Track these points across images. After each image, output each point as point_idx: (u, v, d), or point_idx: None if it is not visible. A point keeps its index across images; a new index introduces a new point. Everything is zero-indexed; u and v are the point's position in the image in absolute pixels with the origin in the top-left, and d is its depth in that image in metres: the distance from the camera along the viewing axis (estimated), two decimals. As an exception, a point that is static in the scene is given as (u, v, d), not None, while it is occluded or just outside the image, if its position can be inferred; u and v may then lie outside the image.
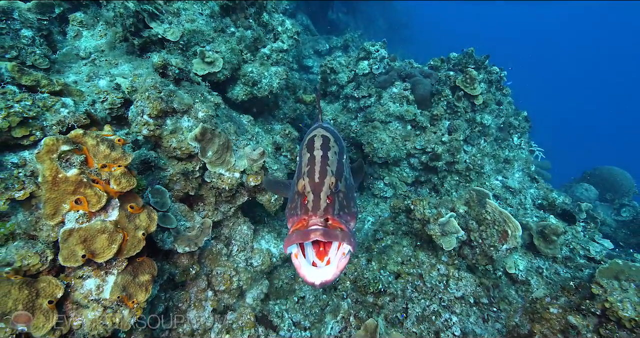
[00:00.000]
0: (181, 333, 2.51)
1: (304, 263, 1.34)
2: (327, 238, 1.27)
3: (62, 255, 1.63)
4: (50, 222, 1.64)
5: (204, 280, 2.78)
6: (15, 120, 1.64)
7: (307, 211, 1.42)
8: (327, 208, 1.42)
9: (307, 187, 1.52)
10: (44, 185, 1.61)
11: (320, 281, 1.26)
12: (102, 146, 1.82)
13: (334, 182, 1.55)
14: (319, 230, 1.28)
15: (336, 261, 1.33)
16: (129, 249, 1.79)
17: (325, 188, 1.50)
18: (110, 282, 1.73)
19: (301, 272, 1.30)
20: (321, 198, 1.45)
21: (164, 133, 2.89)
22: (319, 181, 1.54)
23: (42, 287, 1.54)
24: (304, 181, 1.56)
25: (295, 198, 1.60)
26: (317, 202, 1.44)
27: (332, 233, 1.30)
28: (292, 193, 1.71)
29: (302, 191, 1.53)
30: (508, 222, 3.22)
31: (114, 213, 1.78)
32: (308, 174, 1.59)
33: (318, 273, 1.29)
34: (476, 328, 3.31)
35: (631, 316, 1.82)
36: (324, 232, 1.27)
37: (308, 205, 1.44)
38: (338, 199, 1.53)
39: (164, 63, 2.98)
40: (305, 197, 1.49)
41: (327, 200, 1.45)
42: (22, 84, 1.77)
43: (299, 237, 1.29)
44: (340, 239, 1.29)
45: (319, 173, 1.58)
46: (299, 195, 1.56)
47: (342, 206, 1.51)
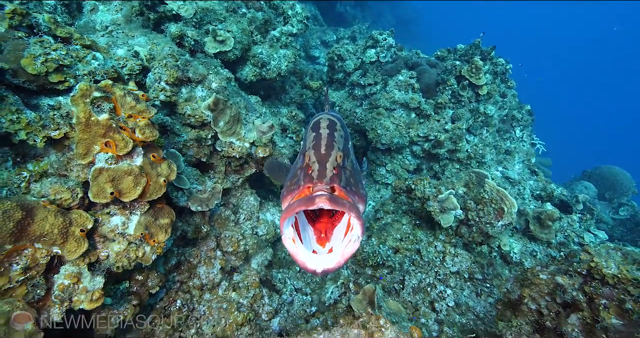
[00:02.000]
0: (191, 286, 2.68)
1: (302, 249, 1.20)
2: (334, 205, 1.12)
3: (92, 191, 1.79)
4: (82, 161, 1.79)
5: (214, 240, 2.95)
6: (52, 66, 1.79)
7: (311, 179, 1.28)
8: (333, 178, 1.29)
9: (312, 157, 1.41)
10: (77, 126, 1.76)
11: (322, 268, 1.11)
12: (128, 98, 1.98)
13: (342, 156, 1.44)
14: (324, 196, 1.14)
15: (342, 248, 1.18)
16: (151, 193, 1.95)
17: (332, 159, 1.39)
18: (134, 221, 1.90)
19: (299, 258, 1.14)
20: (327, 168, 1.33)
21: (179, 100, 3.04)
22: (325, 152, 1.43)
23: (74, 218, 1.70)
24: (309, 153, 1.45)
25: (297, 174, 1.46)
26: (322, 171, 1.31)
27: (340, 201, 1.16)
28: (292, 171, 1.59)
29: (307, 162, 1.40)
30: (505, 199, 3.37)
31: (139, 160, 1.94)
32: (314, 147, 1.49)
33: (320, 260, 1.15)
34: (469, 301, 3.48)
35: (614, 273, 1.98)
36: (330, 198, 1.14)
37: (313, 174, 1.30)
38: (345, 175, 1.41)
39: (181, 33, 3.12)
40: (310, 166, 1.37)
41: (333, 171, 1.33)
42: (57, 35, 1.92)
43: (302, 203, 1.15)
44: (348, 209, 1.15)
45: (325, 147, 1.48)
46: (302, 169, 1.43)
47: (349, 183, 1.38)
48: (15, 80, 1.74)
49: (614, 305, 1.97)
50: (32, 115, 1.73)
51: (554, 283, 2.35)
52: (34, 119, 1.72)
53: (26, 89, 1.79)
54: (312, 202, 1.13)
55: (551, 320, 2.34)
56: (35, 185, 1.76)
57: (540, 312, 2.43)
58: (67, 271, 1.65)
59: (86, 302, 1.65)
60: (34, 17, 1.88)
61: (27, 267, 1.52)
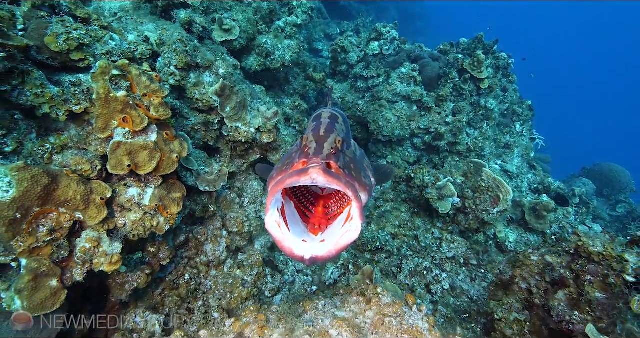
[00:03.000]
0: (199, 262, 2.83)
1: (289, 234, 1.09)
2: (328, 178, 1.01)
3: (110, 164, 1.92)
4: (101, 135, 1.92)
5: (220, 220, 3.08)
6: (73, 44, 1.90)
7: (307, 156, 1.17)
8: (330, 156, 1.18)
9: (310, 138, 1.32)
10: (97, 101, 1.88)
11: (311, 255, 0.99)
12: (143, 77, 2.09)
13: (341, 141, 1.34)
14: (319, 167, 1.02)
15: (337, 237, 1.07)
16: (165, 168, 2.07)
17: (330, 140, 1.29)
18: (149, 193, 2.03)
19: (285, 245, 1.02)
20: (324, 147, 1.23)
21: (188, 85, 3.15)
22: (324, 134, 1.34)
23: (95, 187, 1.83)
24: (307, 135, 1.36)
25: (291, 156, 1.35)
26: (320, 149, 1.22)
27: (335, 176, 1.04)
28: (287, 155, 1.48)
29: (305, 143, 1.30)
30: (501, 187, 3.50)
31: (153, 136, 2.06)
32: (312, 130, 1.41)
33: (310, 247, 1.03)
34: (464, 285, 3.63)
35: (600, 250, 2.11)
36: (325, 170, 1.02)
37: (309, 151, 1.21)
38: (344, 159, 1.31)
39: (190, 20, 3.22)
40: (307, 145, 1.27)
41: (331, 150, 1.23)
42: (77, 15, 2.02)
43: (293, 176, 1.02)
44: (344, 186, 1.03)
45: (325, 131, 1.39)
46: (298, 151, 1.33)
47: (348, 167, 1.27)
48: (39, 56, 1.85)
49: (598, 281, 2.10)
50: (55, 90, 1.85)
51: (544, 264, 2.48)
52: (57, 93, 1.84)
53: (49, 65, 1.90)
54: (305, 173, 1.00)
55: (540, 297, 2.47)
56: (57, 157, 1.89)
57: (530, 291, 2.57)
58: (88, 235, 1.78)
59: (106, 265, 1.78)
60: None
61: (52, 229, 1.65)
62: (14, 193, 1.53)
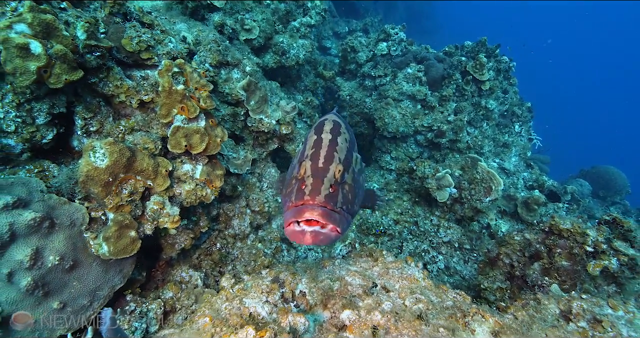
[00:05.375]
0: (227, 234, 3.34)
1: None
2: (316, 240, 1.20)
3: (170, 143, 2.42)
4: (164, 120, 2.42)
5: (244, 200, 3.59)
6: (143, 46, 2.39)
7: (302, 196, 1.26)
8: (329, 197, 1.25)
9: (308, 171, 1.35)
10: (162, 93, 2.38)
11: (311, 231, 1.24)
12: (194, 74, 2.59)
13: (341, 170, 1.36)
14: (309, 233, 1.21)
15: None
16: (211, 149, 2.57)
17: (329, 175, 1.33)
18: (199, 169, 2.53)
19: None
20: (323, 185, 1.28)
21: (219, 80, 3.65)
22: (323, 166, 1.36)
23: (160, 161, 2.33)
24: (305, 164, 1.39)
25: (292, 183, 1.42)
26: (317, 187, 1.27)
27: (322, 237, 1.22)
28: (289, 178, 1.56)
29: (302, 175, 1.35)
30: (493, 179, 4.00)
31: (202, 123, 2.56)
32: (311, 157, 1.42)
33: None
34: (457, 266, 4.14)
35: (568, 227, 2.60)
36: (314, 235, 1.21)
37: (305, 189, 1.27)
38: (342, 192, 1.35)
39: (222, 22, 3.71)
40: (304, 182, 1.32)
41: (330, 189, 1.28)
42: (143, 21, 2.52)
43: (288, 226, 1.22)
44: (329, 241, 1.23)
45: (324, 159, 1.40)
46: (297, 180, 1.38)
47: (346, 201, 1.34)
48: (118, 55, 2.34)
49: (565, 252, 2.59)
50: (130, 82, 2.34)
51: (525, 241, 2.98)
52: (131, 85, 2.33)
53: (124, 62, 2.39)
54: (300, 234, 1.23)
55: (519, 270, 2.97)
56: (129, 136, 2.39)
57: (512, 265, 3.07)
58: (155, 199, 2.29)
59: (169, 223, 2.29)
60: (127, 6, 2.47)
61: (131, 192, 2.15)
62: (108, 162, 2.03)
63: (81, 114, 2.25)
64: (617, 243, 2.36)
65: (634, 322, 1.65)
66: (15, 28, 1.89)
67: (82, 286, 2.06)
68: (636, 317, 1.69)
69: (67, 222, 2.04)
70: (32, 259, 1.85)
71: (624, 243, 2.38)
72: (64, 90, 2.13)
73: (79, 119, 2.26)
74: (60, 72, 1.96)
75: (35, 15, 1.92)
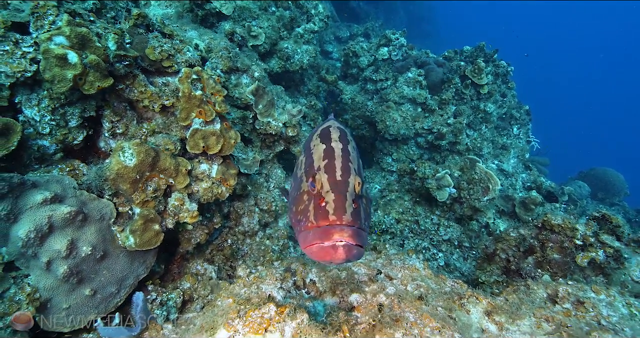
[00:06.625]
0: (237, 231, 3.54)
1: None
2: (350, 257, 1.09)
3: (189, 145, 2.64)
4: (183, 123, 2.64)
5: (253, 199, 3.81)
6: (164, 55, 2.62)
7: (326, 215, 1.15)
8: (354, 215, 1.16)
9: (326, 185, 1.24)
10: (182, 98, 2.61)
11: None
12: (210, 80, 2.82)
13: (361, 183, 1.28)
14: (342, 248, 1.08)
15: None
16: (226, 150, 2.80)
17: (350, 189, 1.23)
18: (215, 168, 2.75)
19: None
20: (347, 199, 1.19)
21: (230, 86, 3.89)
22: (341, 179, 1.26)
23: (180, 161, 2.55)
24: (320, 177, 1.28)
25: (303, 199, 1.31)
26: (341, 204, 1.17)
27: (355, 253, 1.11)
28: (296, 193, 1.44)
29: (319, 191, 1.24)
30: (490, 179, 4.22)
31: (218, 126, 2.78)
32: (326, 170, 1.31)
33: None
34: (457, 263, 4.34)
35: (559, 223, 2.81)
36: (347, 250, 1.09)
37: (328, 208, 1.17)
38: (362, 206, 1.27)
39: (232, 30, 3.96)
40: (323, 198, 1.21)
41: (353, 205, 1.19)
42: (164, 32, 2.75)
43: (319, 253, 1.10)
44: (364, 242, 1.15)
45: (342, 171, 1.30)
46: (311, 196, 1.27)
47: (366, 216, 1.26)
48: (142, 63, 2.58)
49: (556, 246, 2.80)
50: (153, 88, 2.57)
51: (520, 237, 3.18)
52: (154, 91, 2.56)
53: (148, 70, 2.62)
54: (334, 253, 1.08)
55: (515, 264, 3.17)
56: (151, 138, 2.61)
57: (508, 260, 3.27)
58: (176, 196, 2.50)
59: (188, 218, 2.50)
60: (149, 18, 2.71)
61: (155, 189, 2.37)
62: (136, 161, 2.25)
63: (109, 117, 2.48)
64: (603, 237, 2.57)
65: (614, 304, 1.86)
66: (54, 40, 2.13)
67: (110, 275, 2.26)
68: (616, 300, 1.89)
69: (97, 216, 2.25)
70: (68, 249, 2.06)
71: (610, 237, 2.58)
72: (94, 96, 2.36)
73: (106, 121, 2.48)
74: (93, 79, 2.19)
75: (73, 29, 2.16)
